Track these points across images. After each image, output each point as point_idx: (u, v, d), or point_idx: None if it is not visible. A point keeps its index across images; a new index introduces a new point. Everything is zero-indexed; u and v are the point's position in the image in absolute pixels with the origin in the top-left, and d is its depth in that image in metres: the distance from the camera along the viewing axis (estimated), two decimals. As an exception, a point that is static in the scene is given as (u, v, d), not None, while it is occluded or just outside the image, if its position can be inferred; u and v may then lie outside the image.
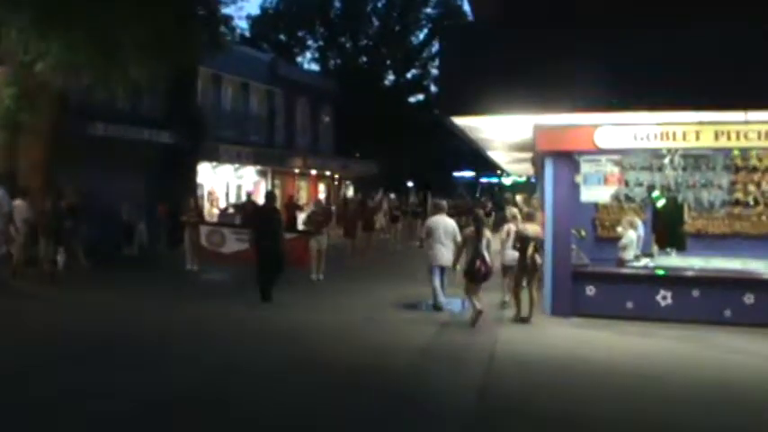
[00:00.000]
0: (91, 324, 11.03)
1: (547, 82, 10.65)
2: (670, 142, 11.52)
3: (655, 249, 13.58)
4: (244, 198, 27.04)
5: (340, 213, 24.19)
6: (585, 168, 12.27)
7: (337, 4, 47.55)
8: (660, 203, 12.88)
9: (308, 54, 48.53)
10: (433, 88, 45.17)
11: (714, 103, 10.42)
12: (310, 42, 48.40)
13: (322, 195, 35.26)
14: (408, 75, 49.36)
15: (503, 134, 14.33)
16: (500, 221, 15.99)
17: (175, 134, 23.66)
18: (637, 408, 7.32)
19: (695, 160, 11.83)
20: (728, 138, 11.25)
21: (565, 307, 11.95)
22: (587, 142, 11.76)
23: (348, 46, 48.15)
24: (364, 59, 47.99)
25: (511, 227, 12.69)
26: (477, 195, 55.81)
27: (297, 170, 33.59)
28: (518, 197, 16.79)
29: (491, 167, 39.31)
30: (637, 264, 12.66)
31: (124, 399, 7.20)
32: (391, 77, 49.39)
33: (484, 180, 63.20)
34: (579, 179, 12.25)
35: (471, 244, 11.39)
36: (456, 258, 11.83)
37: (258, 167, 30.76)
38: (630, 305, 11.83)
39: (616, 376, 8.64)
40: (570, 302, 11.98)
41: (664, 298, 11.75)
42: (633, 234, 12.88)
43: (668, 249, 13.52)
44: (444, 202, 13.78)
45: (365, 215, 22.51)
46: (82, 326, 10.91)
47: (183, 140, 23.90)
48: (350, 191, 39.50)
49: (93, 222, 16.83)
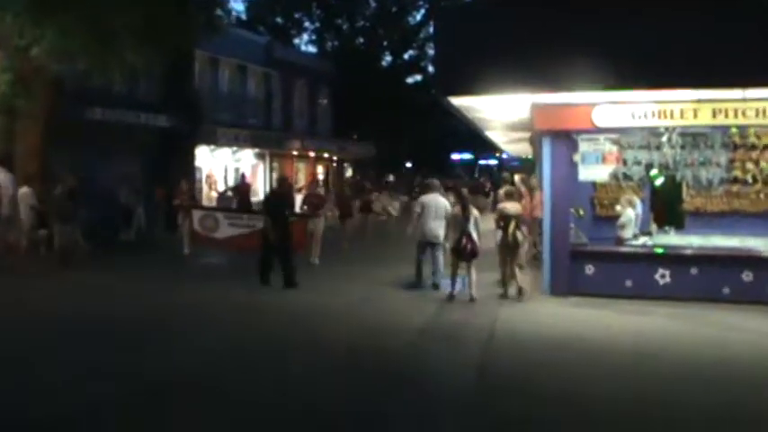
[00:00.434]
0: (91, 306, 11.05)
1: (544, 61, 10.61)
2: (668, 120, 11.49)
3: (653, 228, 13.58)
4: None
5: (338, 195, 24.16)
6: (583, 147, 12.25)
7: (333, -14, 47.29)
8: (658, 182, 12.88)
9: (305, 36, 48.21)
10: (431, 69, 44.97)
11: (712, 81, 10.39)
12: (307, 24, 48.05)
13: (320, 177, 35.27)
14: (406, 56, 49.09)
15: (500, 114, 14.29)
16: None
17: (173, 118, 23.62)
18: (636, 386, 7.35)
19: (693, 138, 11.80)
20: (726, 115, 11.22)
21: (563, 286, 11.97)
22: (585, 121, 11.73)
23: (345, 27, 47.85)
24: (361, 41, 47.74)
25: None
26: (475, 176, 55.83)
27: (295, 152, 33.55)
28: (516, 177, 16.74)
29: (490, 148, 39.28)
30: (635, 242, 12.67)
31: (124, 380, 7.24)
32: (388, 59, 49.19)
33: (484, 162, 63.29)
34: (577, 158, 12.23)
35: (458, 222, 11.79)
36: (444, 234, 12.37)
37: (256, 150, 30.75)
38: (629, 284, 11.85)
39: (615, 355, 8.67)
40: (569, 282, 11.99)
41: (662, 276, 11.76)
42: (631, 213, 12.88)
43: (667, 228, 13.51)
44: (437, 181, 13.93)
45: (362, 197, 22.46)
46: (82, 308, 10.93)
47: (181, 124, 23.86)
48: (348, 173, 39.49)
49: (91, 206, 16.80)
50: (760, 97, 10.96)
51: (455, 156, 64.61)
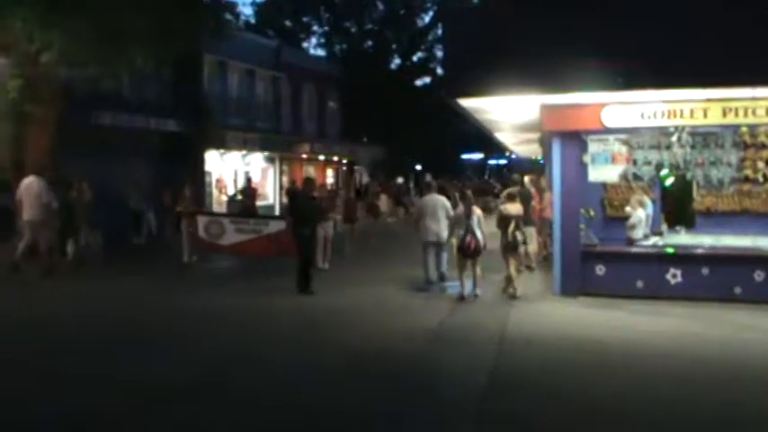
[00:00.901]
0: (101, 310, 11.08)
1: (553, 61, 10.58)
2: (678, 120, 11.46)
3: (664, 228, 13.52)
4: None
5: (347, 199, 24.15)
6: (593, 148, 12.24)
7: (342, -11, 47.39)
8: (669, 182, 12.84)
9: (314, 39, 48.40)
10: (440, 71, 44.96)
11: (721, 80, 10.34)
12: (315, 28, 48.23)
13: (330, 180, 35.29)
14: (414, 58, 49.19)
15: (509, 115, 14.27)
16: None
17: (182, 122, 23.68)
18: (647, 385, 7.33)
19: (703, 138, 11.77)
20: (736, 114, 11.19)
21: (574, 287, 11.94)
22: (594, 121, 11.70)
23: (353, 30, 47.96)
24: (370, 44, 47.83)
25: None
26: (485, 177, 55.80)
27: (304, 156, 33.57)
28: (525, 178, 16.71)
29: (499, 149, 39.25)
30: (646, 242, 12.63)
31: (127, 381, 7.29)
32: (397, 61, 49.27)
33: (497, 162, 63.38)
34: (587, 159, 12.22)
35: (463, 221, 12.10)
36: (450, 233, 12.78)
37: (266, 154, 30.76)
38: (640, 284, 11.81)
39: (626, 355, 8.63)
40: (579, 282, 11.97)
41: (673, 276, 11.72)
42: (642, 213, 12.84)
43: (677, 227, 13.45)
44: (434, 181, 14.06)
45: (368, 200, 22.45)
46: (93, 312, 10.97)
47: (190, 128, 23.91)
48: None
49: (101, 211, 16.85)
50: (770, 96, 10.91)
51: (465, 157, 64.62)
